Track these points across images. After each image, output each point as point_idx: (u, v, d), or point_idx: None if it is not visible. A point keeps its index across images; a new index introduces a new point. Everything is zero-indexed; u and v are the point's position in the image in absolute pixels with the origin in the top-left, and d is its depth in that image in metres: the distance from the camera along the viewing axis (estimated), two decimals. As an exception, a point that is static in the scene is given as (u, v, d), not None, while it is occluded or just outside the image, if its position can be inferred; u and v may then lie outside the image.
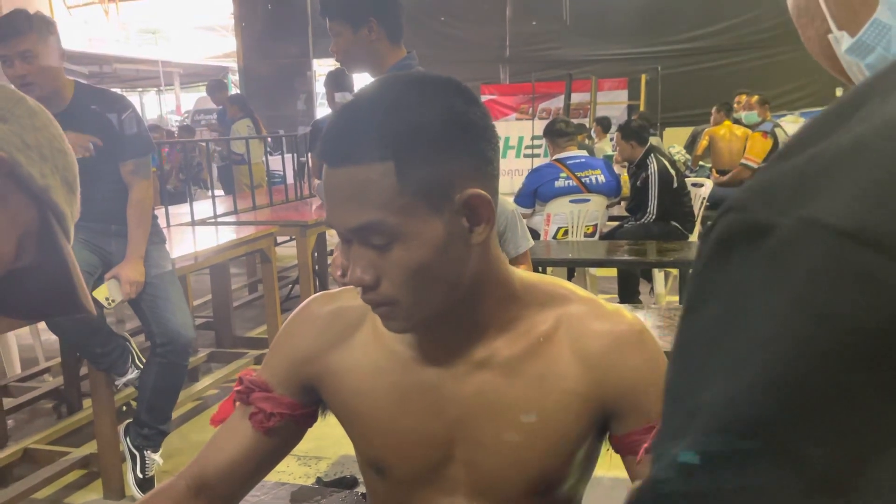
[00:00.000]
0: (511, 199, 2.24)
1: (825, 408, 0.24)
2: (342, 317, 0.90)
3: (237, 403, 0.93)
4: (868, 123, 0.27)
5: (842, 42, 0.47)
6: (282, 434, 0.92)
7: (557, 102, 9.77)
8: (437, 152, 0.72)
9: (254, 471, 0.93)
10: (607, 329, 0.81)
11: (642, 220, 4.35)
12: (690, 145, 7.16)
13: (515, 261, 2.07)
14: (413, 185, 0.71)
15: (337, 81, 4.22)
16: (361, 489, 1.40)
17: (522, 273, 0.86)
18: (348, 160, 0.72)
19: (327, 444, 2.89)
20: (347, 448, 2.81)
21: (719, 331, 0.27)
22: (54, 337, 3.36)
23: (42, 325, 2.61)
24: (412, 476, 0.87)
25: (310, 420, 0.95)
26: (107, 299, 2.40)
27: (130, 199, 2.50)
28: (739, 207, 0.28)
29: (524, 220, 2.25)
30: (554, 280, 0.88)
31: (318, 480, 2.64)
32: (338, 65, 2.52)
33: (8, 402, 3.20)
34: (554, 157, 4.28)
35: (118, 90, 2.78)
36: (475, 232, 0.75)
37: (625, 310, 0.86)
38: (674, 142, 7.54)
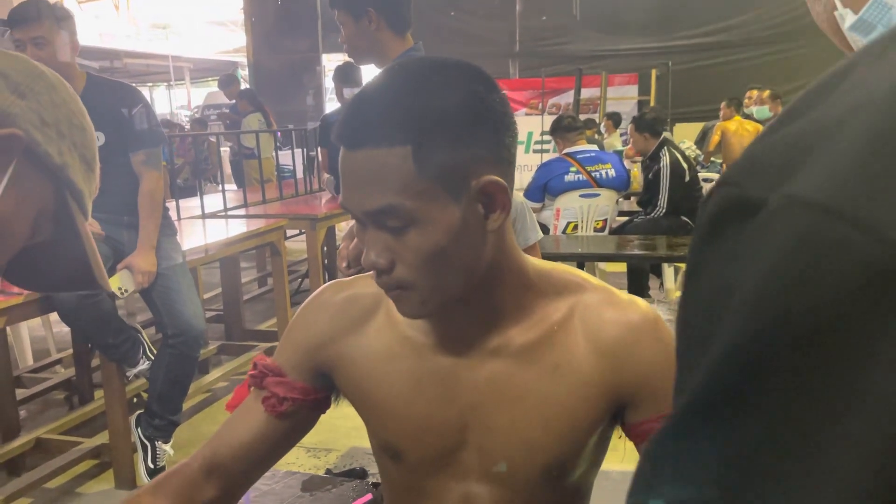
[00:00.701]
0: (519, 193, 2.24)
1: (787, 374, 0.25)
2: (356, 303, 0.90)
3: (251, 388, 0.94)
4: (852, 95, 0.28)
5: (846, 18, 0.48)
6: (294, 419, 0.92)
7: (567, 98, 9.74)
8: (455, 138, 0.72)
9: (265, 455, 0.93)
10: (621, 317, 0.81)
11: (652, 215, 4.34)
12: (701, 141, 7.14)
13: (525, 253, 2.07)
14: (430, 169, 0.71)
15: (345, 76, 4.22)
16: (371, 480, 1.41)
17: (536, 261, 0.86)
18: (366, 143, 0.72)
19: (337, 436, 2.90)
20: (357, 440, 2.81)
21: (706, 308, 0.29)
22: (66, 328, 3.38)
23: (54, 317, 2.63)
24: (425, 461, 0.88)
25: (322, 406, 0.95)
26: (119, 289, 2.41)
27: (141, 189, 2.52)
28: (733, 182, 0.29)
29: (533, 214, 2.25)
30: (568, 268, 0.88)
31: (328, 472, 2.65)
32: (347, 59, 2.53)
33: (20, 393, 3.23)
34: (564, 152, 4.26)
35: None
36: (491, 218, 0.75)
37: (639, 299, 0.86)
38: (684, 137, 7.51)
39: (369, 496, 1.08)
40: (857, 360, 0.24)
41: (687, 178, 4.33)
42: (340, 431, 2.91)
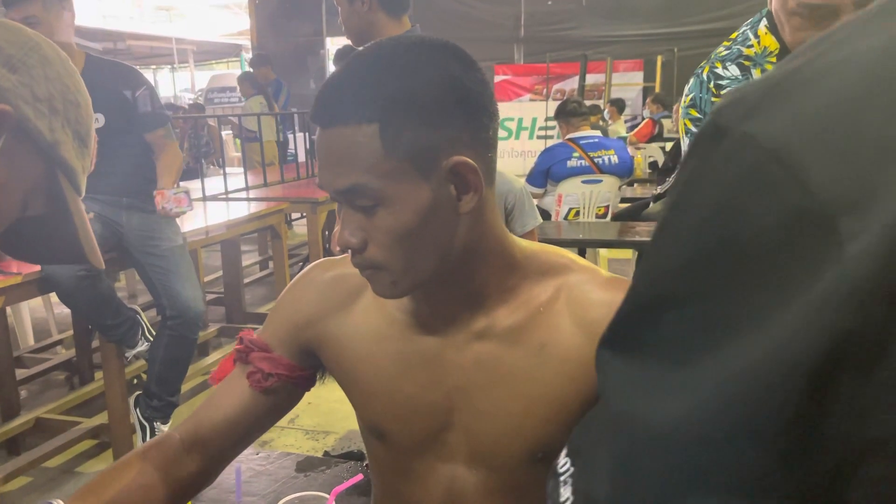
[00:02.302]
0: (521, 180, 2.22)
1: (721, 288, 0.31)
2: (344, 283, 0.89)
3: (236, 363, 0.94)
4: (838, 52, 0.30)
5: None
6: (279, 395, 0.92)
7: (572, 83, 9.69)
8: (424, 117, 0.70)
9: (248, 430, 0.93)
10: (607, 298, 0.80)
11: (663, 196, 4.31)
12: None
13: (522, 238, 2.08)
14: (398, 148, 0.70)
15: (344, 58, 4.20)
16: (367, 462, 1.41)
17: (523, 243, 0.85)
18: (336, 121, 0.71)
19: (335, 419, 2.91)
20: (355, 423, 2.83)
21: (669, 216, 0.34)
22: (67, 310, 3.39)
23: (56, 298, 2.64)
24: (412, 442, 0.87)
25: (307, 384, 0.95)
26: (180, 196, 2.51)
27: (164, 157, 2.56)
28: (716, 111, 0.33)
29: (533, 200, 2.24)
30: (555, 250, 0.87)
31: (326, 454, 2.66)
32: (349, 42, 2.52)
33: (21, 373, 3.24)
34: (567, 137, 4.24)
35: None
36: (463, 200, 0.74)
37: (625, 279, 0.85)
38: (689, 124, 7.46)
39: (360, 476, 1.08)
40: (773, 283, 0.29)
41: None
42: (338, 415, 2.92)
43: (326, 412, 2.99)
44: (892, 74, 0.28)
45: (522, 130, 9.88)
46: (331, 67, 10.76)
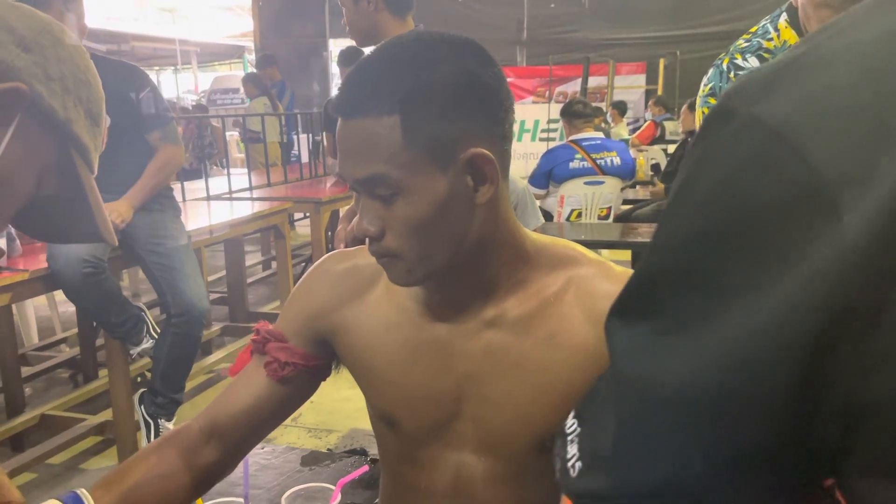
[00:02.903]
0: (523, 181, 2.24)
1: (728, 253, 0.33)
2: (357, 273, 0.91)
3: (253, 354, 0.95)
4: (838, 41, 0.32)
5: None
6: (295, 384, 0.93)
7: (574, 86, 9.69)
8: (443, 110, 0.73)
9: (265, 419, 0.94)
10: (617, 290, 0.81)
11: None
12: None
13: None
14: (418, 140, 0.72)
15: (350, 60, 4.22)
16: (370, 458, 1.42)
17: (534, 235, 0.87)
18: (357, 112, 0.74)
19: (339, 417, 2.92)
20: (358, 422, 2.83)
21: (679, 192, 0.36)
22: (72, 308, 3.41)
23: (60, 296, 2.65)
24: (421, 430, 0.89)
25: (322, 373, 0.97)
26: None
27: (156, 157, 2.54)
28: (726, 94, 0.34)
29: (535, 200, 2.25)
30: (566, 242, 0.89)
31: (329, 452, 2.68)
32: (352, 43, 2.54)
33: (26, 371, 3.26)
34: (570, 139, 4.26)
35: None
36: (479, 192, 0.76)
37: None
38: (691, 127, 7.47)
39: (365, 468, 1.10)
40: (776, 253, 0.31)
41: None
42: (342, 413, 2.93)
43: (329, 411, 3.00)
44: (889, 62, 0.30)
45: (525, 132, 9.88)
46: (334, 69, 10.77)
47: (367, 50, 2.09)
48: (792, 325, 0.30)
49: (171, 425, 2.63)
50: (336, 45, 10.70)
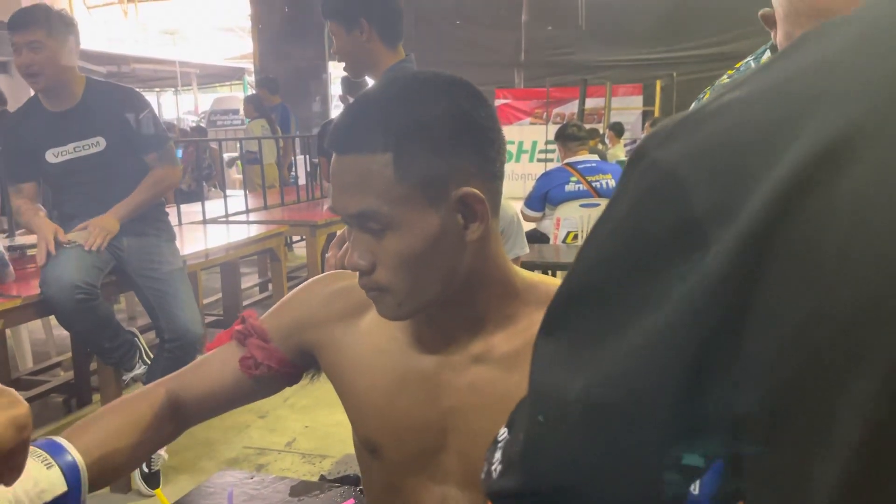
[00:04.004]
0: (514, 204, 2.24)
1: (625, 278, 0.37)
2: (352, 294, 0.92)
3: (232, 339, 0.96)
4: (734, 94, 0.36)
5: None
6: (262, 383, 0.95)
7: (572, 107, 9.76)
8: (436, 148, 0.75)
9: (224, 406, 0.97)
10: None
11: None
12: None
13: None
14: (410, 177, 0.74)
15: (351, 85, 4.25)
16: (362, 486, 1.41)
17: (524, 272, 0.88)
18: (351, 148, 0.76)
19: (332, 442, 2.91)
20: (351, 447, 2.80)
21: (597, 224, 0.40)
22: (66, 332, 3.40)
23: (55, 320, 2.65)
24: (405, 460, 0.89)
25: (292, 380, 0.98)
26: (71, 242, 2.38)
27: (150, 174, 2.53)
28: (642, 140, 0.40)
29: (523, 227, 2.25)
30: (556, 281, 0.89)
31: (322, 478, 2.66)
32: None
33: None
34: (565, 161, 4.28)
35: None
36: (470, 229, 0.78)
37: None
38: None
39: (351, 501, 1.09)
40: (661, 278, 0.35)
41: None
42: (335, 438, 2.91)
43: (323, 436, 2.98)
44: (753, 118, 0.35)
45: (523, 153, 9.93)
46: (333, 91, 10.85)
47: (369, 79, 2.11)
48: (666, 345, 0.34)
49: (163, 451, 2.61)
50: (335, 68, 10.77)
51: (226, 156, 8.08)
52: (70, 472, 0.78)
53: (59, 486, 0.76)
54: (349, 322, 0.92)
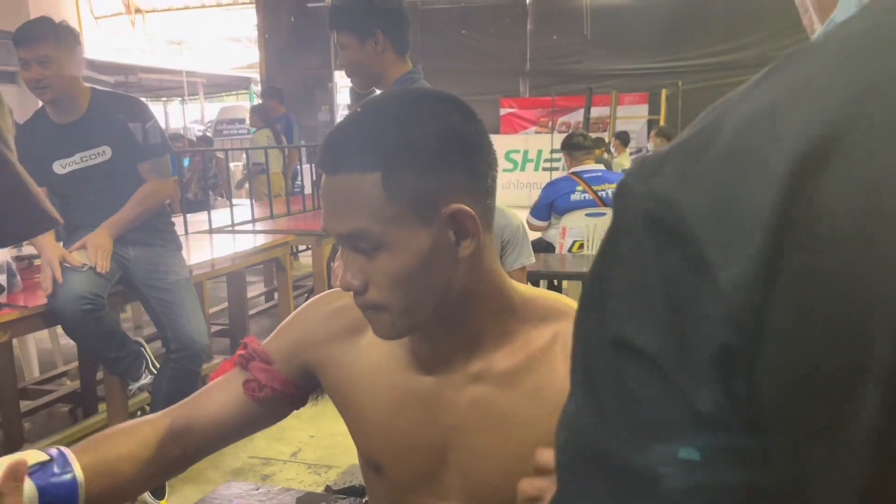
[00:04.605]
0: (520, 214, 2.24)
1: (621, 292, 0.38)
2: (350, 313, 0.91)
3: (236, 366, 0.96)
4: (719, 122, 0.37)
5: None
6: (268, 406, 0.94)
7: (577, 116, 9.77)
8: (424, 166, 0.74)
9: (232, 434, 0.96)
10: None
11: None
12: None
13: (510, 275, 2.10)
14: (400, 196, 0.73)
15: (359, 97, 4.25)
16: (368, 498, 1.41)
17: (522, 287, 0.87)
18: (340, 168, 0.75)
19: (337, 452, 2.90)
20: (357, 458, 2.81)
21: (598, 256, 0.41)
22: (73, 342, 3.41)
23: (62, 329, 2.66)
24: (407, 478, 0.88)
25: (298, 402, 0.97)
26: (82, 265, 2.41)
27: (140, 188, 2.53)
28: (629, 170, 0.40)
29: (529, 237, 2.25)
30: (554, 295, 0.89)
31: (328, 488, 2.65)
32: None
33: (25, 405, 3.24)
34: (571, 171, 4.28)
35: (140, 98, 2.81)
36: (462, 245, 0.77)
37: None
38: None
39: (356, 515, 1.08)
40: (667, 303, 0.36)
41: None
42: (341, 448, 2.91)
43: (329, 446, 2.98)
44: (743, 146, 0.35)
45: (528, 162, 9.94)
46: (339, 100, 10.89)
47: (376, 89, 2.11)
48: (691, 366, 0.35)
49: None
50: (341, 77, 10.81)
51: (232, 164, 8.11)
52: (67, 490, 0.79)
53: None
54: (349, 340, 0.91)
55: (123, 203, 2.52)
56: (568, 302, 0.87)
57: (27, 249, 2.84)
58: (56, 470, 0.80)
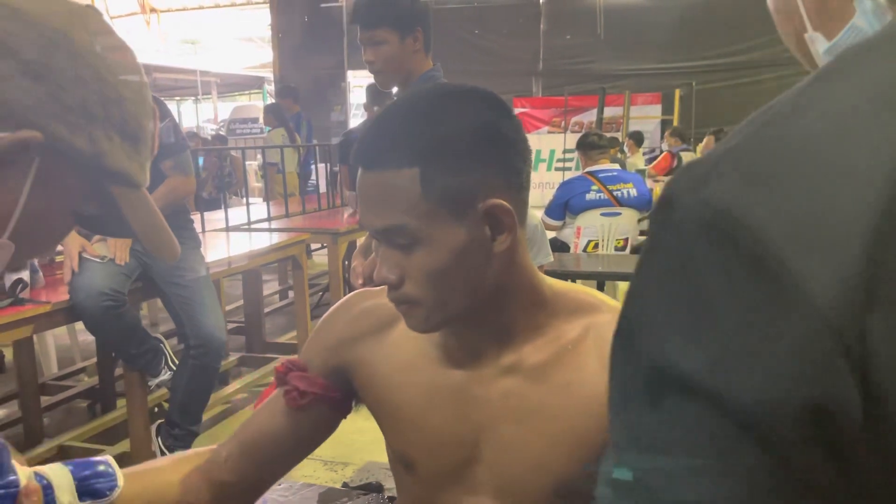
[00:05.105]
0: (537, 213, 2.25)
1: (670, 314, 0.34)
2: (378, 312, 0.93)
3: (277, 386, 0.97)
4: (784, 124, 0.35)
5: (817, 42, 0.50)
6: (313, 415, 0.94)
7: (590, 116, 9.74)
8: (461, 162, 0.75)
9: (285, 450, 0.95)
10: None
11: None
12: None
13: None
14: (437, 192, 0.74)
15: (377, 95, 4.25)
16: (387, 494, 1.42)
17: (553, 281, 0.88)
18: (378, 164, 0.76)
19: (354, 450, 2.91)
20: (374, 455, 2.81)
21: (636, 277, 0.38)
22: (91, 337, 3.44)
23: (80, 325, 2.68)
24: (438, 473, 0.89)
25: (342, 408, 0.97)
26: (102, 257, 2.45)
27: (162, 184, 2.56)
28: (669, 185, 0.37)
29: (547, 236, 2.26)
30: (584, 289, 0.89)
31: (345, 485, 2.66)
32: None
33: (45, 400, 3.28)
34: (586, 170, 4.27)
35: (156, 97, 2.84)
36: (497, 240, 0.78)
37: None
38: (707, 157, 7.47)
39: (383, 510, 1.09)
40: (746, 324, 0.32)
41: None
42: (357, 446, 2.92)
43: (345, 443, 2.99)
44: (818, 148, 0.33)
45: (541, 162, 9.92)
46: (352, 99, 10.91)
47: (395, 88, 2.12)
48: (783, 393, 0.31)
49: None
50: (354, 77, 10.84)
51: (247, 163, 8.13)
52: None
53: None
54: (377, 339, 0.92)
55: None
56: (599, 296, 0.88)
57: (48, 246, 2.87)
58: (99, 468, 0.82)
